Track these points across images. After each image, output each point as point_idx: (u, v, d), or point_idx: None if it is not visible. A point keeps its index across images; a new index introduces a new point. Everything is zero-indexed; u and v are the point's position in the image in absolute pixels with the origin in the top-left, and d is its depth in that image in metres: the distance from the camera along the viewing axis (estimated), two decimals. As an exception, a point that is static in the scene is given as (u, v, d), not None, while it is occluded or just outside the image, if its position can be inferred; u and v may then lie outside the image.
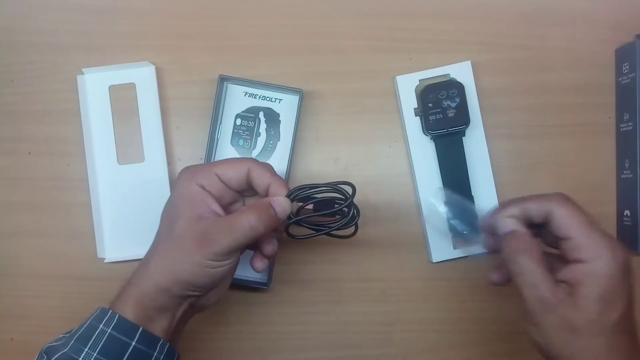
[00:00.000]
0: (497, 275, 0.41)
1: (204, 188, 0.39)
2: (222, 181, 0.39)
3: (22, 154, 0.52)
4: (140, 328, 0.36)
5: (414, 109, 0.52)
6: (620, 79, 0.53)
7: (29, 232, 0.52)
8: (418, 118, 0.52)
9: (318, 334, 0.52)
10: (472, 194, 0.51)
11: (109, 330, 0.36)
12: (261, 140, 0.52)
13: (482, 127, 0.52)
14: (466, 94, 0.51)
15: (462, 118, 0.50)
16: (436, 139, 0.51)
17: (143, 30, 0.53)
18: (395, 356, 0.52)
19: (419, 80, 0.52)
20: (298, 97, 0.51)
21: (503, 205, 0.39)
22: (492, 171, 0.52)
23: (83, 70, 0.52)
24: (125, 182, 0.52)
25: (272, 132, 0.52)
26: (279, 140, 0.52)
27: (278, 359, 0.52)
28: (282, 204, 0.39)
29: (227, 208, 0.41)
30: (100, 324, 0.36)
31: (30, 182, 0.52)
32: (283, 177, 0.50)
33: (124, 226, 0.52)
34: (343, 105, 0.53)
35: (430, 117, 0.50)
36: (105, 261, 0.51)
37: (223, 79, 0.51)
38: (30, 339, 0.51)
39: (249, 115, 0.52)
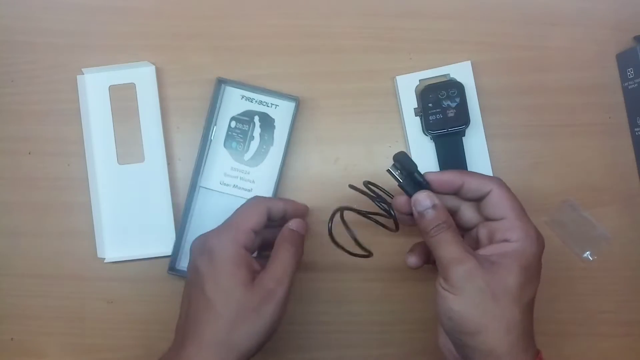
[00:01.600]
0: (415, 258, 0.44)
1: (247, 249, 0.40)
2: (254, 232, 0.41)
3: (22, 153, 0.52)
4: None
5: (414, 109, 0.52)
6: (626, 84, 0.53)
7: (29, 232, 0.52)
8: (418, 118, 0.52)
9: (318, 334, 0.52)
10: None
11: None
12: (254, 144, 0.52)
13: (482, 127, 0.52)
14: (466, 94, 0.51)
15: (462, 118, 0.50)
16: (436, 139, 0.51)
17: (143, 30, 0.53)
18: (395, 356, 0.52)
19: (419, 80, 0.52)
20: (294, 104, 0.51)
21: (442, 172, 0.41)
22: (492, 171, 0.52)
23: (83, 70, 0.52)
24: (125, 182, 0.52)
25: (265, 137, 0.52)
26: (272, 145, 0.52)
27: (278, 359, 0.52)
28: (297, 223, 0.43)
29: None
30: None
31: (30, 182, 0.52)
32: (274, 183, 0.51)
33: (123, 226, 0.52)
34: (343, 105, 0.53)
35: (430, 117, 0.50)
36: (105, 261, 0.51)
37: (220, 82, 0.51)
38: (30, 339, 0.51)
39: (244, 119, 0.52)
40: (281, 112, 0.52)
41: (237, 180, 0.52)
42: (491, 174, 0.52)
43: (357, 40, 0.53)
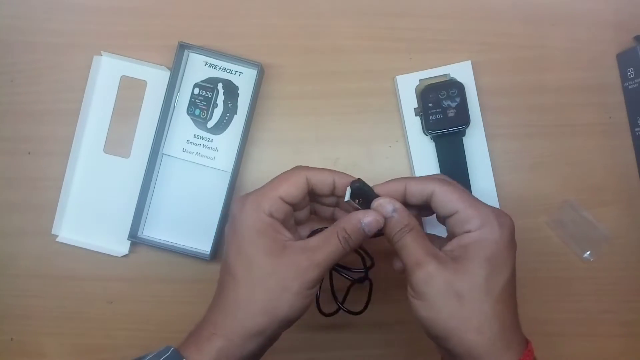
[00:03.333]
0: (400, 263, 0.41)
1: (272, 216, 0.37)
2: (286, 202, 0.38)
3: (21, 153, 0.52)
4: None
5: (414, 108, 0.52)
6: (626, 84, 0.53)
7: (28, 232, 0.52)
8: (418, 118, 0.52)
9: (318, 334, 0.52)
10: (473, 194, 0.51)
11: None
12: (217, 112, 0.52)
13: (483, 127, 0.52)
14: (466, 94, 0.51)
15: (463, 118, 0.50)
16: (436, 139, 0.51)
17: (142, 30, 0.53)
18: (396, 356, 0.52)
19: (419, 80, 0.52)
20: (257, 70, 0.50)
21: (386, 183, 0.39)
22: (493, 171, 0.52)
23: (102, 52, 0.52)
24: (104, 172, 0.52)
25: (229, 105, 0.52)
26: (235, 114, 0.52)
27: None
28: (370, 220, 0.37)
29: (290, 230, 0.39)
30: None
31: (30, 182, 0.52)
32: (234, 153, 0.50)
33: (87, 212, 0.52)
34: (343, 105, 0.53)
35: (431, 117, 0.50)
36: (57, 239, 0.51)
37: (183, 47, 0.50)
38: (29, 339, 0.51)
39: (208, 86, 0.52)
40: (245, 79, 0.52)
41: (200, 148, 0.52)
42: (491, 174, 0.52)
43: (357, 40, 0.53)
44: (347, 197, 0.39)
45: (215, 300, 0.38)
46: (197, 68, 0.52)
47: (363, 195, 0.39)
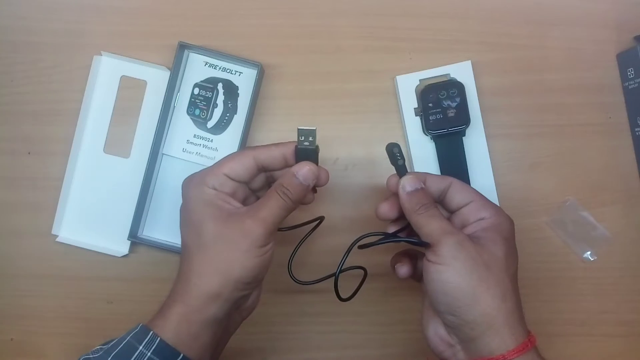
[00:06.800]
0: (406, 268, 0.43)
1: (216, 189, 0.38)
2: (232, 179, 0.39)
3: (21, 153, 0.52)
4: (181, 355, 0.35)
5: (414, 108, 0.52)
6: (626, 83, 0.53)
7: (28, 232, 0.52)
8: (418, 118, 0.52)
9: (318, 334, 0.52)
10: (473, 194, 0.51)
11: (149, 354, 0.35)
12: (217, 112, 0.52)
13: (483, 127, 0.52)
14: (466, 94, 0.50)
15: (463, 118, 0.50)
16: (436, 139, 0.51)
17: (142, 30, 0.53)
18: (395, 357, 0.52)
19: (419, 80, 0.52)
20: (257, 70, 0.50)
21: (407, 174, 0.41)
22: (493, 171, 0.52)
23: (102, 52, 0.52)
24: (104, 172, 0.52)
25: (229, 105, 0.52)
26: (235, 114, 0.52)
27: (278, 359, 0.52)
28: (304, 170, 0.39)
29: (243, 203, 0.40)
30: (140, 345, 0.35)
31: (30, 181, 0.52)
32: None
33: (87, 212, 0.52)
34: (343, 105, 0.53)
35: (431, 117, 0.50)
36: (57, 239, 0.51)
37: (183, 47, 0.50)
38: (29, 339, 0.51)
39: (208, 86, 0.52)
40: (245, 79, 0.52)
41: (200, 148, 0.52)
42: (491, 174, 0.52)
43: (357, 40, 0.53)
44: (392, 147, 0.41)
45: (177, 273, 0.39)
46: (197, 68, 0.52)
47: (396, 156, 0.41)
